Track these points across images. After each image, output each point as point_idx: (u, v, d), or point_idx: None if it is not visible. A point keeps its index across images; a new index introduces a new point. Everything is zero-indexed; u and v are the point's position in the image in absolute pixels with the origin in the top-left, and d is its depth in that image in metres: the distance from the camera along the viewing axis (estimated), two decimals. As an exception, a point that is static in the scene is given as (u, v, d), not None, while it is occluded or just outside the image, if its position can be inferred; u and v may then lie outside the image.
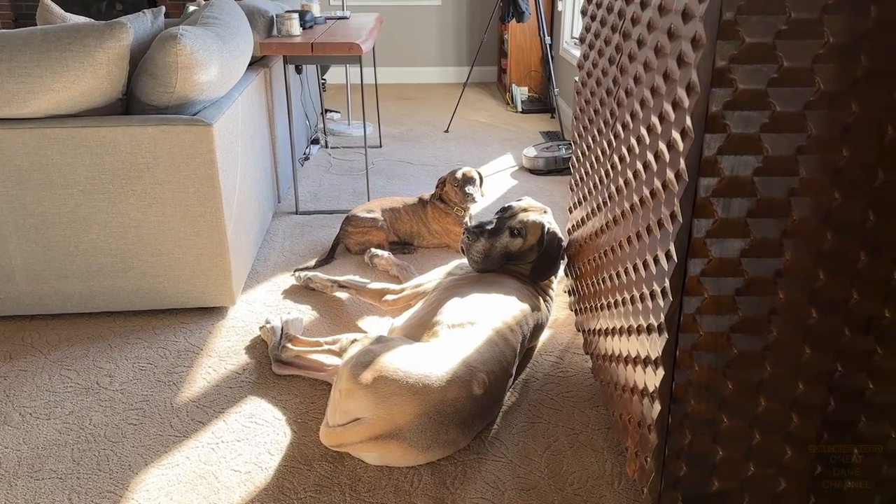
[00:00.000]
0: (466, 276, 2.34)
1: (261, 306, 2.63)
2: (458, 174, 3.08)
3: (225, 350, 2.37)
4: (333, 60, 3.31)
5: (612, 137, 1.68)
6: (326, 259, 3.02)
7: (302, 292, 2.72)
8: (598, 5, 1.84)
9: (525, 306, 2.14)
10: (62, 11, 3.08)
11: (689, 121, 1.11)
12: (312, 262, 2.96)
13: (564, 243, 2.37)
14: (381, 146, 3.63)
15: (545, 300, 2.30)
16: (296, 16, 3.33)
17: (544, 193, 3.91)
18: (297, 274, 2.69)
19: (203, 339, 2.42)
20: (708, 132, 1.11)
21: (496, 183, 4.06)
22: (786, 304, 1.18)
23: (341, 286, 2.59)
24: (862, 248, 1.11)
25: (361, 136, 5.07)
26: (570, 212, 2.29)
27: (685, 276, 1.20)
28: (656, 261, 1.31)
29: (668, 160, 1.22)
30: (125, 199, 2.35)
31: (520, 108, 5.78)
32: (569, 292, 2.33)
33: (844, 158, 1.07)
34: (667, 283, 1.24)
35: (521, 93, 5.81)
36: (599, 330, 1.83)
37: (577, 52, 4.93)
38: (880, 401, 1.17)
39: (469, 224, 2.32)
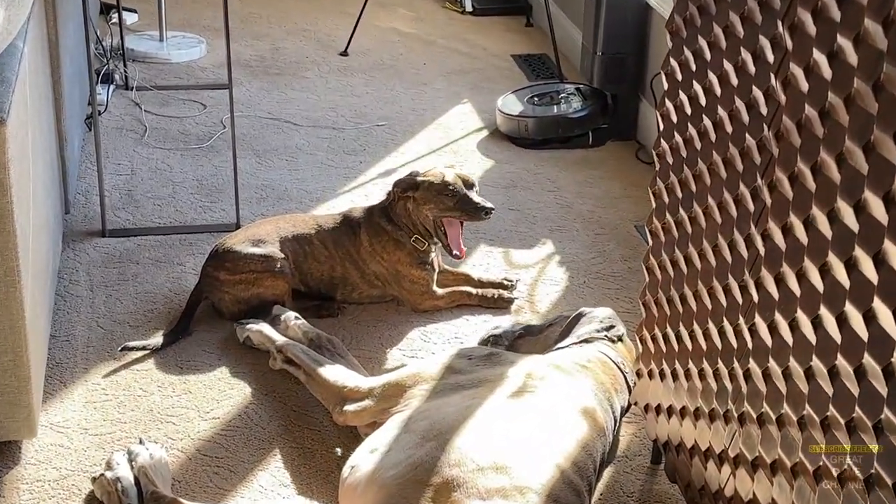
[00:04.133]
0: (484, 375, 2.47)
1: (79, 433, 2.63)
2: (446, 171, 3.14)
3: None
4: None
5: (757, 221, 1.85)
6: (178, 330, 3.03)
7: (163, 386, 2.75)
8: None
9: (587, 433, 2.29)
10: None
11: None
12: (152, 342, 2.97)
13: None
14: (229, 85, 3.64)
15: (614, 417, 2.46)
16: None
17: (545, 188, 4.05)
18: (237, 326, 3.00)
19: (-14, 508, 2.42)
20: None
21: (458, 163, 4.14)
22: None
23: (288, 359, 2.82)
24: None
25: (184, 62, 5.06)
26: (649, 271, 2.46)
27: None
28: None
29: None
30: None
31: (469, 7, 5.91)
32: (646, 408, 2.50)
33: None
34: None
35: (469, -21, 5.94)
36: None
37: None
38: None
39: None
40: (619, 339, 2.69)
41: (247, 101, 4.70)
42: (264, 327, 2.96)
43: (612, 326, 2.72)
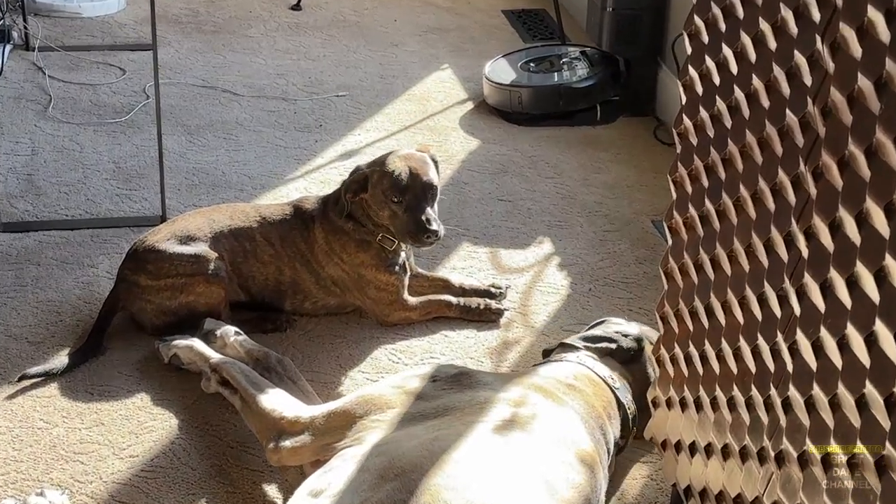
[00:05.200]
0: (452, 401, 2.47)
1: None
2: (399, 167, 3.09)
3: None
4: None
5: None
6: (88, 347, 3.02)
7: (70, 417, 2.73)
8: None
9: (585, 481, 2.30)
10: None
11: None
12: (56, 364, 2.95)
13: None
14: (154, 45, 3.61)
15: (608, 450, 2.48)
16: None
17: (543, 174, 4.06)
18: (161, 343, 3.00)
19: None
20: None
21: (435, 143, 4.13)
22: None
23: (223, 380, 2.81)
24: None
25: (99, 17, 5.00)
26: (671, 273, 2.46)
27: None
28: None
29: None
30: None
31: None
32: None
33: None
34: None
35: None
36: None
37: None
38: None
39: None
40: (627, 355, 2.73)
41: (175, 65, 4.68)
42: (195, 343, 2.94)
43: (610, 340, 2.74)
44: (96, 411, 2.85)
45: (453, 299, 3.28)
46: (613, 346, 2.73)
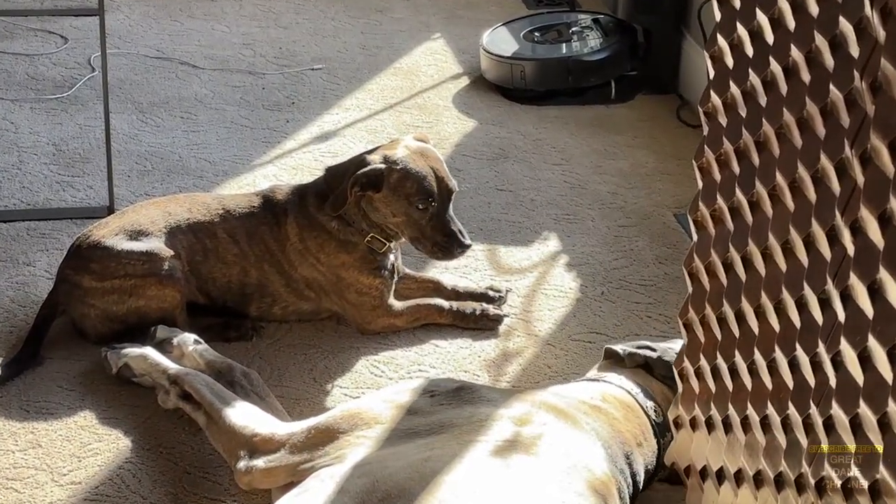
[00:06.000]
0: (449, 417, 2.48)
1: None
2: (423, 168, 3.08)
3: None
4: None
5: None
6: (23, 357, 3.02)
7: (1, 437, 2.79)
8: None
9: None
10: None
11: None
12: None
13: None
14: (101, 9, 3.60)
15: (635, 484, 2.48)
16: None
17: (549, 160, 4.06)
18: (109, 352, 2.99)
19: None
20: None
21: (426, 124, 4.19)
22: None
23: (185, 393, 2.80)
24: None
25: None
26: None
27: None
28: None
29: None
30: None
31: None
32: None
33: None
34: None
35: None
36: None
37: None
38: None
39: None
40: (668, 370, 2.69)
41: (126, 32, 4.68)
42: (150, 352, 2.93)
43: (652, 349, 2.74)
44: (32, 431, 2.84)
45: (445, 304, 3.27)
46: (654, 354, 2.73)
